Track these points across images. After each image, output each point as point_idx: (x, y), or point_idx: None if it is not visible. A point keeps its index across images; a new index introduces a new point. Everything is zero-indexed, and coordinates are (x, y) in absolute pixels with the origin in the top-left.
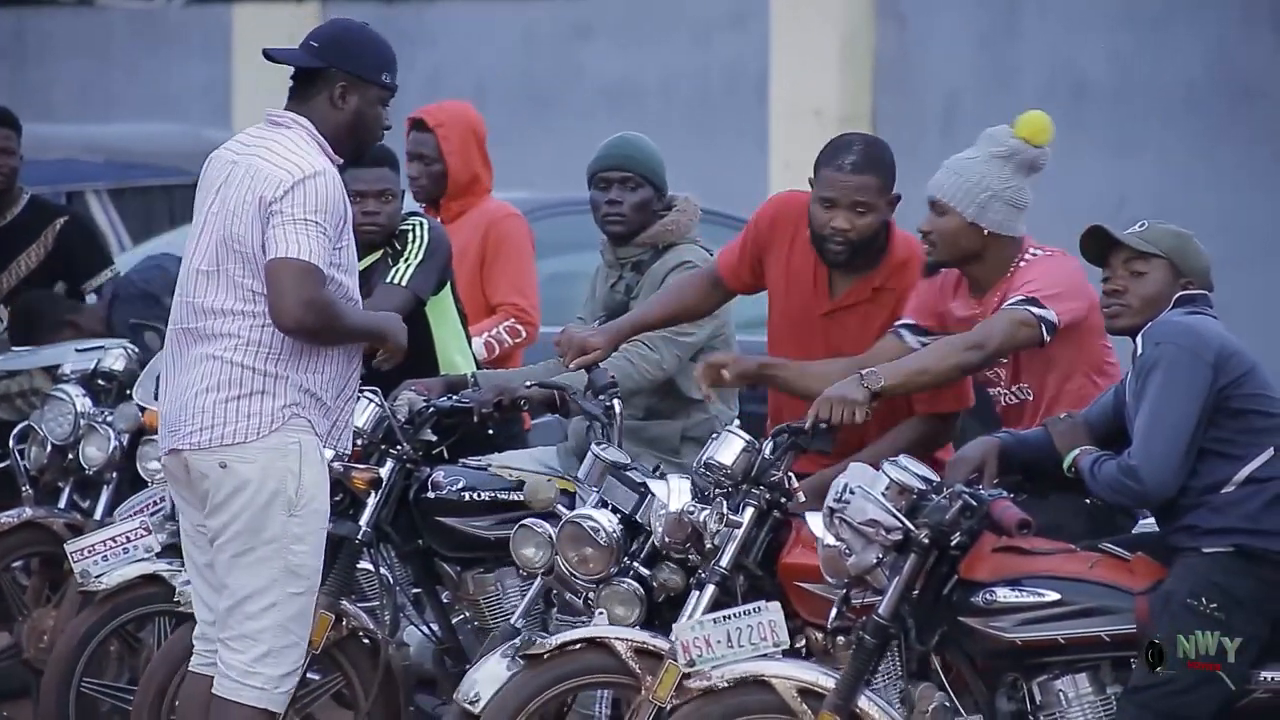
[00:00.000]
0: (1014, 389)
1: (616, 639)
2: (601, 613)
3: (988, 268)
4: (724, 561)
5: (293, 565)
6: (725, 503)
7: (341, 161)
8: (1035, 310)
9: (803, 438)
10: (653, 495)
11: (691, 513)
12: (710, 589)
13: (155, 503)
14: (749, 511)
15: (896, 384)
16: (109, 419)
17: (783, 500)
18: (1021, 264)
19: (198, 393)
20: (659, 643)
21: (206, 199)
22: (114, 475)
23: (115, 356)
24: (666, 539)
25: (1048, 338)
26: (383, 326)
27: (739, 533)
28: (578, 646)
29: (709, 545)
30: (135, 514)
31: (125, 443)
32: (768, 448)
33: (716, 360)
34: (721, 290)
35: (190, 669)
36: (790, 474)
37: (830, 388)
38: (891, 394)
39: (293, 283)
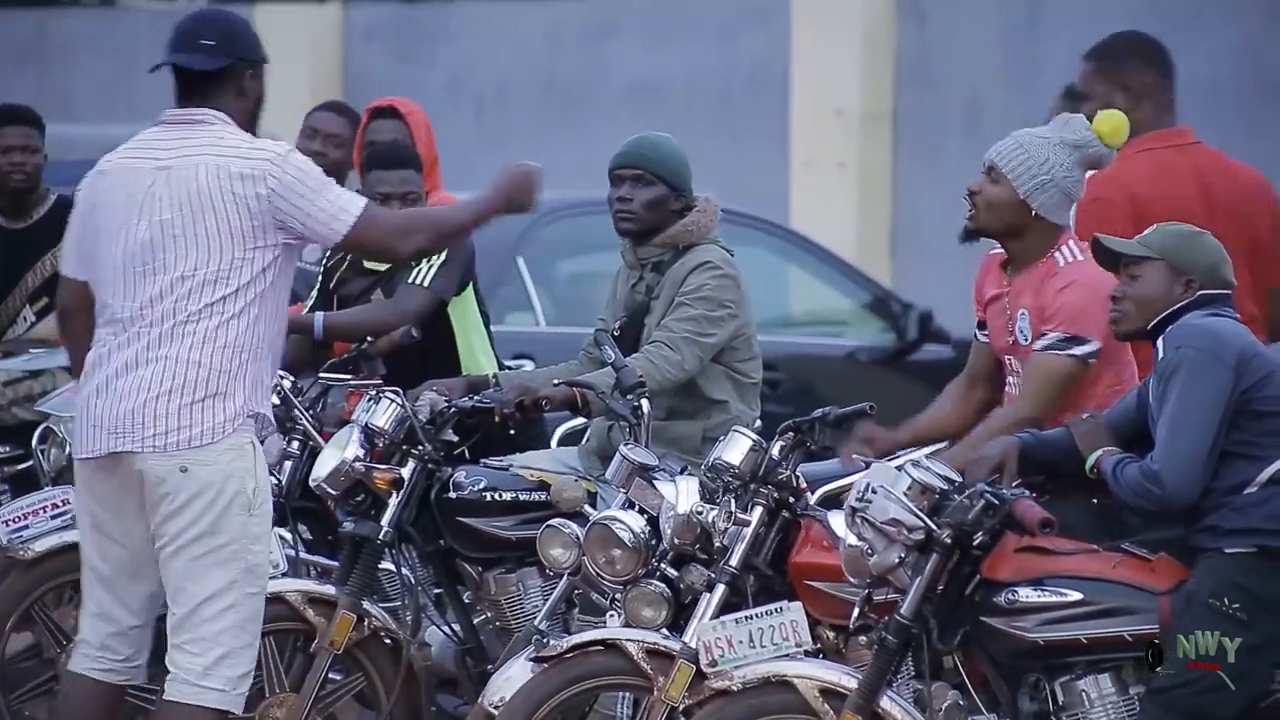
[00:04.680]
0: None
1: (628, 640)
2: (612, 615)
3: (1025, 247)
4: (733, 561)
5: (251, 565)
6: (733, 502)
7: None
8: (1078, 351)
9: (810, 435)
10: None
11: (700, 513)
12: (721, 589)
13: (55, 505)
14: (757, 511)
15: None
16: None
17: (791, 499)
18: (1059, 259)
19: (157, 395)
20: (670, 644)
21: (137, 202)
22: None
23: None
24: (676, 540)
25: (1091, 362)
26: (479, 209)
27: (748, 532)
28: (590, 648)
29: (718, 545)
30: (22, 517)
31: None
32: (775, 447)
33: (863, 440)
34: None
35: (80, 672)
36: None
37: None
38: None
39: (382, 231)
